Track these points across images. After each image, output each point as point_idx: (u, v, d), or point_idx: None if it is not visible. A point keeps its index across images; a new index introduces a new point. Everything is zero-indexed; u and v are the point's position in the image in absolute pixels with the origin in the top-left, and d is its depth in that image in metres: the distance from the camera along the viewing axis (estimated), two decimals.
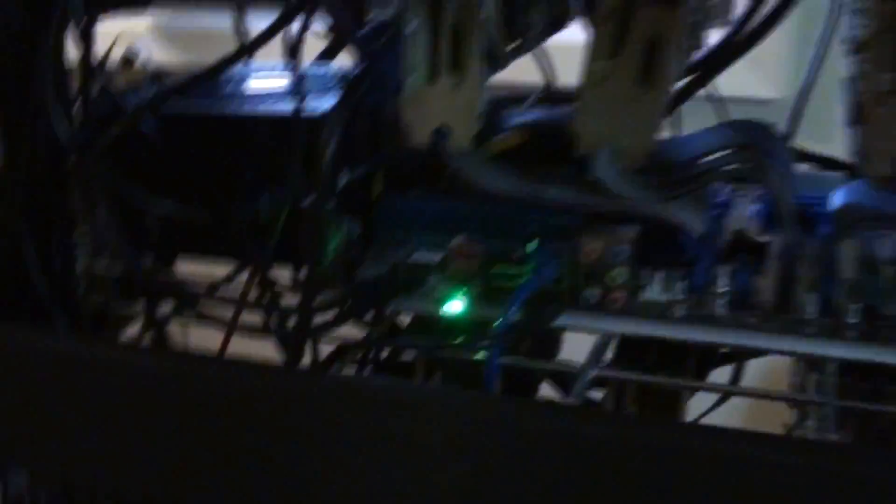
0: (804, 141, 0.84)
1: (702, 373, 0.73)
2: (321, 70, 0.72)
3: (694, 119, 0.82)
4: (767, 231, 0.70)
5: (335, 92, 0.59)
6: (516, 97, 0.86)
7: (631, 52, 0.57)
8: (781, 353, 0.59)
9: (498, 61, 0.66)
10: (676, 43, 0.57)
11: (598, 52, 0.58)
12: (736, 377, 0.84)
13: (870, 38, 0.57)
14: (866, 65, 0.57)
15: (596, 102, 0.58)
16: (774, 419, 0.86)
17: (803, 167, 0.86)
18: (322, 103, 0.62)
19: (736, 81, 1.35)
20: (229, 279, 0.67)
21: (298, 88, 0.59)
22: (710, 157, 0.65)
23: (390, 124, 0.66)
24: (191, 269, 0.72)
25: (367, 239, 0.67)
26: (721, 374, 0.75)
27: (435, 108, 0.61)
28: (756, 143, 0.66)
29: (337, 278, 0.63)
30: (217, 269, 0.70)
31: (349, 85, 0.55)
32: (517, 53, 0.70)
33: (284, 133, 0.64)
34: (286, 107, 0.65)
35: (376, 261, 0.63)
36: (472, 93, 0.61)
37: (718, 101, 0.87)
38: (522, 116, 0.71)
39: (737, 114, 1.31)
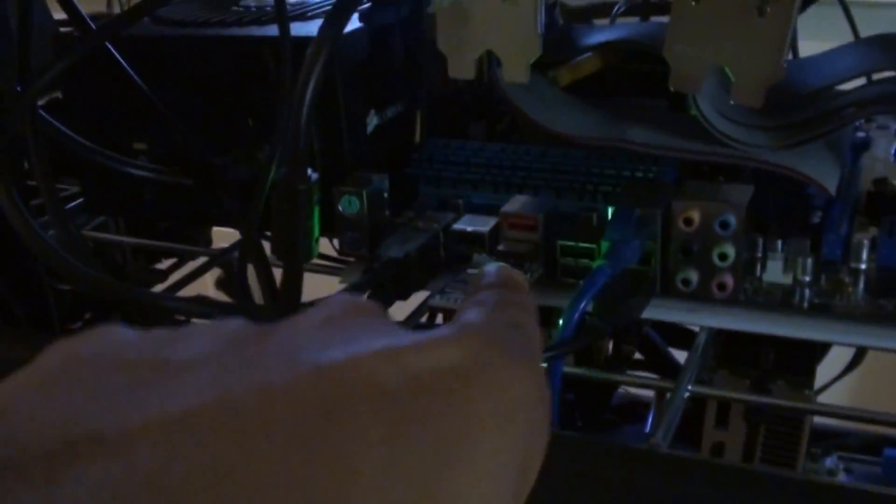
0: None
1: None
2: None
3: (813, 30, 0.66)
4: None
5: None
6: (596, 5, 0.70)
7: None
8: None
9: None
10: None
11: None
12: None
13: None
14: None
15: (696, 18, 0.42)
16: None
17: None
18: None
19: None
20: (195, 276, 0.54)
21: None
22: (849, 88, 0.49)
23: (424, 51, 0.51)
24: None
25: (402, 200, 0.52)
26: None
27: (480, 29, 0.46)
28: None
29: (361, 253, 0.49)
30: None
31: (335, 6, 0.40)
32: None
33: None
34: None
35: (408, 231, 0.49)
36: (528, 4, 0.45)
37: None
38: (603, 34, 0.56)
39: (864, 19, 1.11)
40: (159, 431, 0.19)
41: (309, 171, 0.39)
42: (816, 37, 0.72)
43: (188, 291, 0.71)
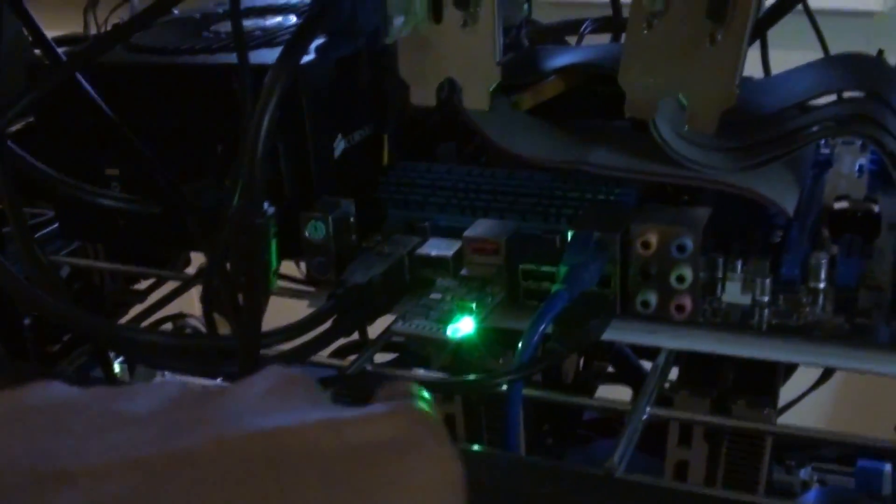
0: None
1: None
2: None
3: (779, 39, 0.66)
4: (881, 195, 0.54)
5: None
6: (567, 24, 0.71)
7: None
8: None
9: None
10: None
11: None
12: None
13: None
14: None
15: (649, 46, 0.43)
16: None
17: None
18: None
19: None
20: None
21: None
22: (807, 111, 0.50)
23: (391, 76, 0.51)
24: None
25: (370, 224, 0.53)
26: None
27: (440, 57, 0.47)
28: (867, 87, 0.50)
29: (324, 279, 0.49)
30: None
31: (292, 37, 0.40)
32: None
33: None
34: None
35: (373, 255, 0.50)
36: (487, 34, 0.46)
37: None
38: (566, 56, 0.56)
39: (832, 28, 1.12)
40: (121, 472, 0.21)
41: (266, 204, 0.40)
42: (787, 47, 0.72)
43: (169, 310, 0.72)
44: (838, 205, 0.55)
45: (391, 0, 0.42)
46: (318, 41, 0.49)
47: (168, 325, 0.80)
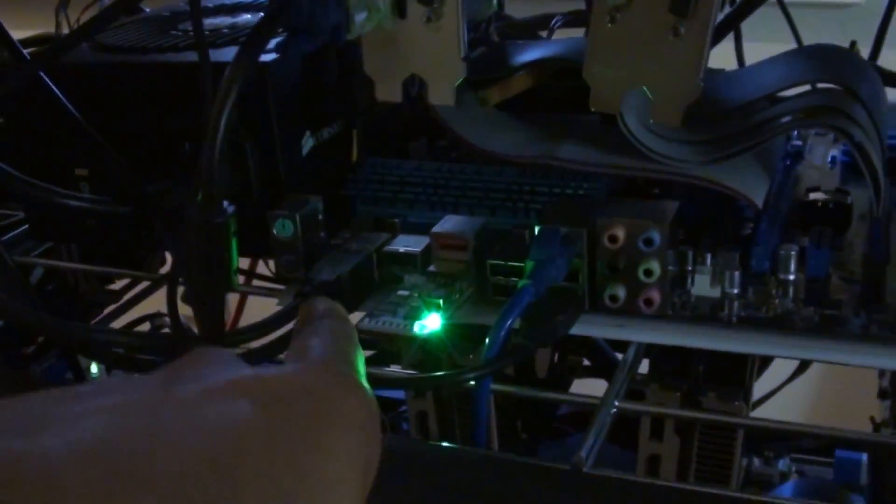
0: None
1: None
2: None
3: (758, 30, 0.66)
4: (853, 186, 0.54)
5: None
6: (538, 18, 0.71)
7: None
8: (875, 367, 0.43)
9: None
10: None
11: None
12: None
13: None
14: None
15: (613, 40, 0.43)
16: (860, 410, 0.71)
17: None
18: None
19: None
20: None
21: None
22: (776, 103, 0.50)
23: (360, 72, 0.51)
24: None
25: (339, 221, 0.53)
26: None
27: (405, 53, 0.46)
28: (837, 79, 0.50)
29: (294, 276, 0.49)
30: None
31: (250, 35, 0.40)
32: None
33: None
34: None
35: (341, 252, 0.49)
36: (451, 30, 0.45)
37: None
38: (534, 51, 0.56)
39: (813, 20, 1.12)
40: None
41: (226, 203, 0.40)
42: (765, 39, 0.72)
43: (147, 309, 0.72)
44: (810, 196, 0.55)
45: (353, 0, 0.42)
46: (282, 38, 0.49)
47: (146, 325, 0.79)
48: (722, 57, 0.65)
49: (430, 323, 0.44)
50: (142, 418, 0.24)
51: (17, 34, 0.56)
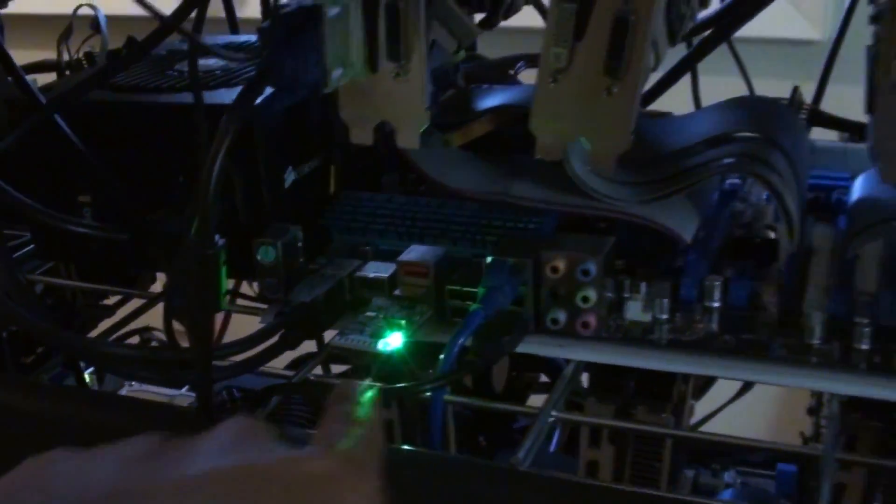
0: (846, 87, 0.74)
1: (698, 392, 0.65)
2: None
3: (711, 64, 0.72)
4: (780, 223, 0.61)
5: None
6: (501, 63, 0.77)
7: (596, 35, 0.48)
8: (780, 385, 0.50)
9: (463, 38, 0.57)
10: (648, 22, 0.47)
11: (558, 36, 0.48)
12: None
13: (886, 11, 0.46)
14: (882, 44, 0.47)
15: (555, 97, 0.49)
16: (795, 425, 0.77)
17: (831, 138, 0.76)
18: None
19: (775, 21, 1.23)
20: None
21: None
22: (706, 150, 0.56)
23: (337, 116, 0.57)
24: None
25: (317, 248, 0.59)
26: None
27: (376, 102, 0.53)
28: (760, 130, 0.57)
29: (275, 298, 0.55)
30: None
31: (239, 96, 0.46)
32: (488, 24, 0.61)
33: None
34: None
35: (318, 277, 0.55)
36: (417, 84, 0.52)
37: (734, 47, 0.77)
38: (495, 97, 0.62)
39: (775, 56, 1.19)
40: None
41: (217, 236, 0.46)
42: (717, 72, 0.78)
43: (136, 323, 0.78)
44: (739, 232, 0.62)
45: (330, 54, 0.48)
46: (269, 92, 0.55)
47: (135, 338, 0.85)
48: (679, 97, 0.72)
49: (393, 341, 0.50)
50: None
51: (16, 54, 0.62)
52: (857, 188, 0.60)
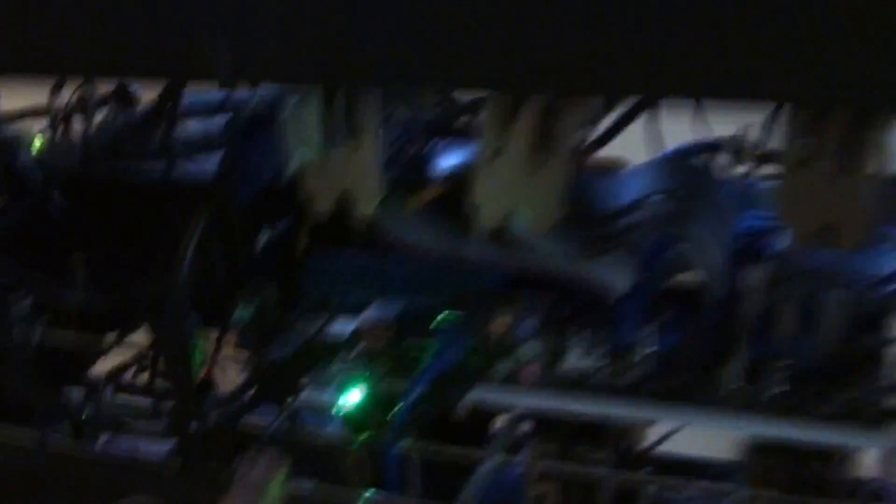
0: None
1: None
2: None
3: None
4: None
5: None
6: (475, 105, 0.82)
7: (527, 121, 0.54)
8: (701, 426, 0.55)
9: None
10: (576, 108, 0.53)
11: (493, 121, 0.54)
12: None
13: None
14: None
15: (493, 173, 0.55)
16: None
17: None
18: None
19: None
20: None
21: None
22: (635, 210, 0.62)
23: None
24: None
25: (289, 303, 0.65)
26: None
27: (335, 176, 0.58)
28: (687, 189, 0.62)
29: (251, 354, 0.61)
30: None
31: (211, 184, 0.52)
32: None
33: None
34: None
35: (288, 334, 0.61)
36: (371, 157, 0.57)
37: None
38: (452, 157, 0.68)
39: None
40: None
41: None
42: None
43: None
44: (677, 277, 0.67)
45: (292, 138, 0.53)
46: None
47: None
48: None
49: (353, 396, 0.56)
50: None
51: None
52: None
